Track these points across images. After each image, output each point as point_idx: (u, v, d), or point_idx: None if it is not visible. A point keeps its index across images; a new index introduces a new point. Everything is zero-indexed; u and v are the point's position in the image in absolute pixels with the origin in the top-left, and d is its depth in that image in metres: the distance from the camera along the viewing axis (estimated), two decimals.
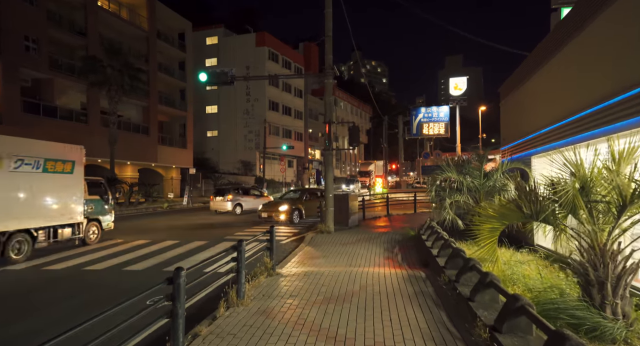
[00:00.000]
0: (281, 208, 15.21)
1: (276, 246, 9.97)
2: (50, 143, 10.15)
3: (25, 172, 9.08)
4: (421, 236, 9.33)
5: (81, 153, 10.96)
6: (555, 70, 8.22)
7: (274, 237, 6.91)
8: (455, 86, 34.00)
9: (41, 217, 9.53)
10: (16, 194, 8.88)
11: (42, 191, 9.60)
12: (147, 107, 31.58)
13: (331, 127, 11.44)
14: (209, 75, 12.21)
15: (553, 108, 8.32)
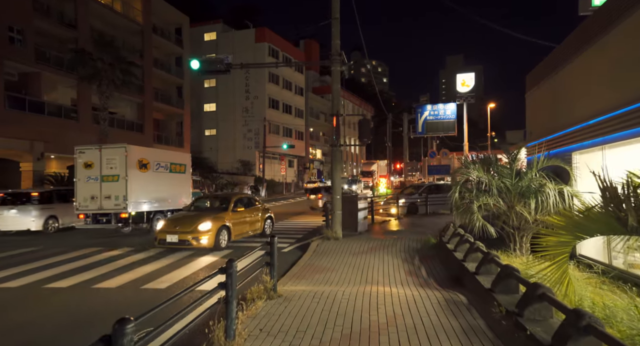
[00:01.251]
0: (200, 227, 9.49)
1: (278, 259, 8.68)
2: (174, 152, 16.20)
3: (161, 172, 13.64)
4: (445, 245, 8.02)
5: (189, 159, 16.10)
6: (611, 48, 6.91)
7: (275, 249, 5.61)
8: (463, 82, 32.64)
9: (169, 203, 13.57)
10: (157, 187, 13.10)
11: (170, 185, 13.93)
12: (142, 103, 30.29)
13: (339, 119, 10.13)
14: (202, 62, 10.92)
15: (607, 94, 7.01)
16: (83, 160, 12.41)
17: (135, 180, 12.28)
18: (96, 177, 12.16)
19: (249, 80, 42.88)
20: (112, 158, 12.18)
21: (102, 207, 12.11)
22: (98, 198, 12.14)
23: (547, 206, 7.91)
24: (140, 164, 12.59)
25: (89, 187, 12.22)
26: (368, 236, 11.25)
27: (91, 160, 12.27)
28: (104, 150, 12.32)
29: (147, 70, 30.36)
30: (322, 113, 57.62)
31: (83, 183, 12.34)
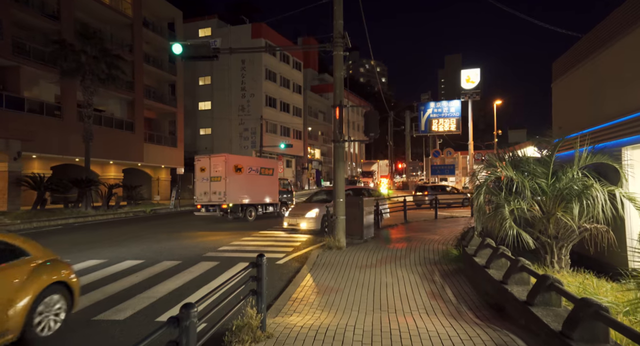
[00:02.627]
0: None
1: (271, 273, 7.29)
2: (264, 160, 20.74)
3: (252, 175, 16.74)
4: (472, 258, 6.67)
5: (278, 164, 19.71)
6: None
7: (264, 275, 4.23)
8: (467, 78, 31.37)
9: (259, 199, 16.34)
10: (248, 186, 16.15)
11: (259, 185, 17.02)
12: (133, 101, 28.87)
13: (342, 110, 8.77)
14: (185, 47, 9.55)
15: None
16: (199, 166, 16.24)
17: (232, 180, 15.72)
18: (207, 177, 15.83)
19: (245, 77, 41.51)
20: (217, 164, 15.71)
21: (210, 200, 15.74)
22: (208, 193, 15.79)
23: (594, 211, 6.59)
24: (236, 168, 16.06)
25: (203, 185, 15.99)
26: (375, 244, 9.88)
27: (204, 165, 16.02)
28: (212, 158, 16.07)
29: (138, 66, 28.96)
30: (321, 113, 56.29)
31: (199, 182, 16.20)
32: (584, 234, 6.87)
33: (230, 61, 41.81)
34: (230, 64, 41.75)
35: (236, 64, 41.61)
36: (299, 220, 12.37)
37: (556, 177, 7.24)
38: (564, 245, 7.10)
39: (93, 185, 20.59)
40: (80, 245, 10.89)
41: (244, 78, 41.49)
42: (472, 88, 31.31)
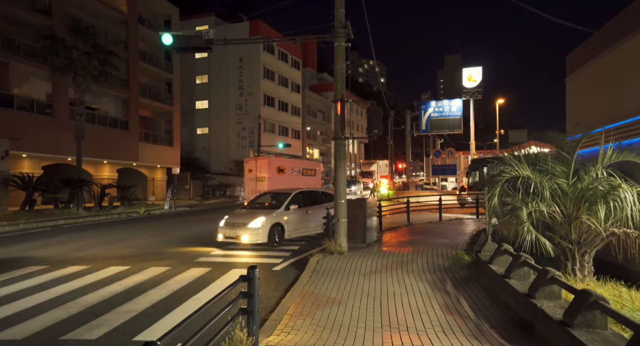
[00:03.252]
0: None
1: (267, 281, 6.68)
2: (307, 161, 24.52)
3: (294, 175, 18.94)
4: (487, 265, 6.06)
5: (320, 165, 22.51)
6: None
7: (256, 290, 3.59)
8: (469, 77, 30.80)
9: None
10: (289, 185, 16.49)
11: (300, 184, 17.88)
12: (128, 99, 28.21)
13: (344, 105, 8.15)
14: (176, 38, 8.92)
15: None
16: (247, 167, 18.43)
17: (274, 180, 17.48)
18: (254, 178, 17.80)
19: (242, 76, 40.88)
20: (261, 166, 17.58)
21: None
22: (254, 191, 17.36)
23: (621, 214, 5.99)
24: (279, 169, 18.15)
25: (250, 184, 18.00)
26: (379, 249, 9.26)
27: (251, 167, 18.08)
28: (257, 160, 18.17)
29: (133, 63, 28.30)
30: (320, 112, 55.70)
31: (247, 181, 18.35)
32: (610, 239, 6.28)
33: (227, 59, 41.21)
34: (228, 63, 41.14)
35: (234, 62, 40.99)
36: (239, 231, 9.73)
37: (577, 177, 6.65)
38: (586, 251, 6.49)
39: (85, 185, 19.92)
40: (64, 245, 10.23)
41: (242, 76, 40.86)
42: (473, 87, 30.74)
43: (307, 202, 11.34)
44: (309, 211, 11.11)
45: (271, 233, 9.92)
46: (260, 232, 9.72)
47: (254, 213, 10.39)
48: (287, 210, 10.49)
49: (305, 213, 11.02)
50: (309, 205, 11.27)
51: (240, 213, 10.85)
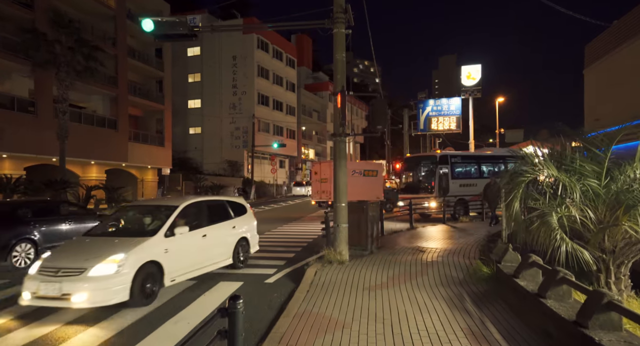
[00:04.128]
0: None
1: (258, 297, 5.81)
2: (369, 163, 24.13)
3: (356, 176, 17.62)
4: (512, 279, 5.24)
5: (382, 166, 22.20)
6: None
7: (239, 329, 2.71)
8: (468, 75, 30.09)
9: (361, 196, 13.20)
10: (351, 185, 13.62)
11: (362, 184, 17.23)
12: (116, 97, 27.18)
13: (345, 98, 7.31)
14: (157, 24, 8.04)
15: None
16: (313, 170, 19.98)
17: None
18: (319, 179, 18.95)
19: (236, 74, 39.93)
20: (325, 168, 18.63)
21: (321, 197, 18.97)
22: (319, 192, 19.06)
23: None
24: None
25: (316, 185, 19.38)
26: (383, 257, 8.42)
27: (317, 170, 19.39)
28: (322, 164, 19.73)
29: (121, 60, 27.28)
30: (315, 112, 54.87)
31: (314, 182, 19.70)
32: None
33: (221, 57, 40.26)
34: (221, 61, 40.19)
35: (227, 60, 40.04)
36: (67, 284, 5.16)
37: (610, 177, 5.86)
38: (623, 261, 5.71)
39: (68, 187, 18.90)
40: None
41: (236, 75, 39.92)
42: (473, 85, 30.06)
43: (204, 218, 7.25)
44: (208, 233, 7.02)
45: (138, 283, 5.51)
46: (113, 283, 5.25)
47: (103, 246, 5.91)
48: (169, 235, 6.20)
49: (202, 237, 6.91)
50: (206, 223, 7.19)
51: (76, 246, 6.26)
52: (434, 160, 15.69)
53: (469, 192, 15.77)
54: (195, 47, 41.37)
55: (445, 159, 15.59)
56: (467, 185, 16.00)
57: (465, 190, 15.77)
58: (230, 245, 7.69)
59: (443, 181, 14.95)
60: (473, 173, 16.83)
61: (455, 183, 15.51)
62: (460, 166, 16.60)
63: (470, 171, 16.97)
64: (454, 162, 15.94)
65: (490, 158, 18.09)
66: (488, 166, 17.32)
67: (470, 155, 19.96)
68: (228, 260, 7.62)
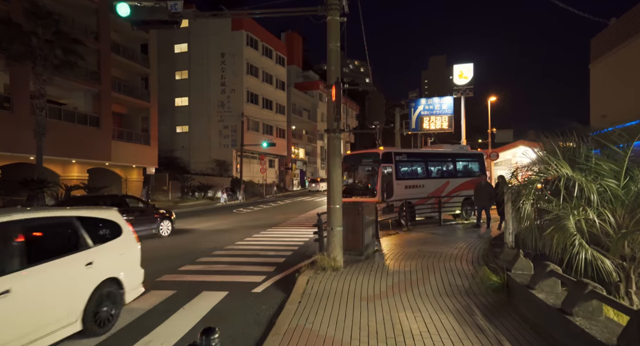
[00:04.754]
0: None
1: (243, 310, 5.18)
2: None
3: None
4: (529, 291, 4.70)
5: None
6: None
7: None
8: (460, 74, 29.77)
9: None
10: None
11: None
12: (99, 94, 26.15)
13: (340, 90, 6.71)
14: (134, 9, 7.34)
15: None
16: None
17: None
18: None
19: (225, 72, 39.05)
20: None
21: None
22: None
23: None
24: None
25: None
26: (380, 262, 7.85)
27: None
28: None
29: (104, 56, 26.27)
30: (306, 111, 54.20)
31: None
32: None
33: (209, 54, 39.36)
34: (209, 58, 39.28)
35: (215, 57, 39.15)
36: None
37: (630, 176, 5.38)
38: None
39: (45, 187, 17.95)
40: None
41: (224, 72, 39.05)
42: (465, 84, 29.75)
43: (15, 256, 4.01)
44: (20, 285, 3.85)
45: None
46: None
47: None
48: None
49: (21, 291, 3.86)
50: (18, 265, 3.95)
51: None
52: (376, 157, 13.33)
53: (416, 194, 13.92)
54: (183, 44, 40.39)
55: (388, 157, 13.41)
56: (414, 186, 14.07)
57: (412, 192, 13.79)
58: (76, 297, 4.46)
59: (386, 182, 12.89)
60: (420, 173, 14.81)
61: (400, 184, 13.46)
62: (406, 165, 14.49)
63: (417, 171, 14.88)
64: (399, 160, 13.84)
65: (439, 157, 16.13)
66: (437, 165, 15.66)
67: (417, 152, 17.73)
68: (71, 327, 4.34)
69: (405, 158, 14.51)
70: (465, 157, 16.87)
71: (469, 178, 15.65)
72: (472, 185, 13.92)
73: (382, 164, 12.99)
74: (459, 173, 15.99)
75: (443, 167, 15.90)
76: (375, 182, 13.00)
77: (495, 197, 12.04)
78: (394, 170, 13.34)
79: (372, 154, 14.00)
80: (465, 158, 16.84)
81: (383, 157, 13.19)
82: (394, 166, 13.44)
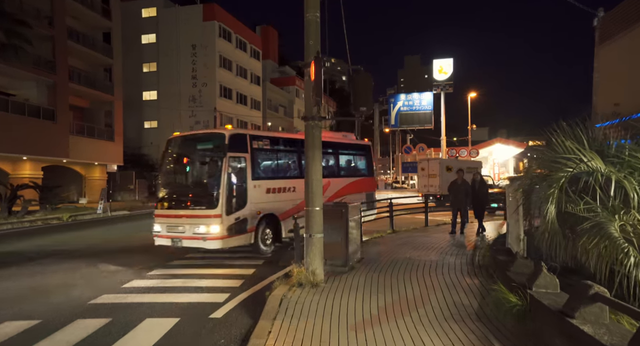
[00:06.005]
0: None
1: None
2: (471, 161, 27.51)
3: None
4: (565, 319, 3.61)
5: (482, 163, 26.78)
6: None
7: None
8: (440, 69, 29.15)
9: None
10: None
11: None
12: (54, 84, 23.91)
13: (320, 67, 5.48)
14: None
15: None
16: (420, 167, 23.59)
17: (444, 177, 21.04)
18: (427, 175, 22.48)
19: (196, 64, 37.11)
20: (433, 166, 22.40)
21: (429, 191, 21.91)
22: (426, 186, 22.48)
23: None
24: (447, 168, 22.05)
25: (424, 179, 22.77)
26: (367, 274, 6.66)
27: (424, 166, 22.92)
28: (429, 161, 23.24)
29: (60, 43, 24.04)
30: (282, 107, 52.71)
31: (421, 177, 23.27)
32: None
33: (179, 46, 37.31)
34: (179, 49, 37.23)
35: (186, 49, 37.14)
36: None
37: None
38: None
39: None
40: None
41: (195, 65, 37.11)
42: (444, 80, 29.16)
43: None
44: None
45: None
46: None
47: None
48: None
49: None
50: None
51: None
52: (219, 142, 8.47)
53: (282, 202, 9.50)
54: (151, 34, 38.12)
55: (240, 142, 8.62)
56: (281, 189, 9.55)
57: (277, 199, 9.35)
58: None
59: (235, 183, 8.34)
60: (292, 171, 10.30)
61: (260, 187, 8.87)
62: (269, 156, 9.78)
63: (286, 166, 10.34)
64: (257, 148, 9.05)
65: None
66: None
67: (287, 138, 11.04)
68: None
69: (267, 145, 9.48)
70: (352, 149, 12.89)
71: (355, 178, 12.23)
72: (362, 187, 11.68)
73: (230, 154, 8.17)
74: (344, 170, 12.13)
75: (323, 162, 10.45)
76: (215, 183, 8.05)
77: (471, 196, 10.52)
78: (249, 164, 8.58)
79: (212, 137, 9.09)
80: (352, 151, 12.90)
81: (231, 142, 8.28)
82: (250, 157, 8.65)
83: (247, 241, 8.52)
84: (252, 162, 8.70)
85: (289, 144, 10.63)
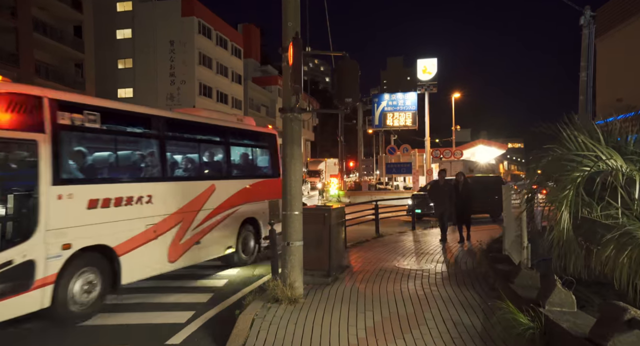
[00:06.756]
0: None
1: None
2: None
3: None
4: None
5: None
6: None
7: None
8: (424, 69, 28.78)
9: None
10: None
11: None
12: (18, 80, 22.34)
13: (300, 51, 4.73)
14: None
15: None
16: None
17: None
18: None
19: (174, 61, 35.81)
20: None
21: None
22: None
23: None
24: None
25: None
26: (353, 286, 5.93)
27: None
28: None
29: (24, 35, 22.60)
30: (264, 106, 51.70)
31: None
32: None
33: (156, 42, 35.92)
34: (157, 45, 35.85)
35: (163, 45, 35.80)
36: None
37: None
38: None
39: None
40: None
41: (173, 62, 35.81)
42: (428, 80, 28.81)
43: None
44: None
45: None
46: None
47: None
48: None
49: None
50: None
51: None
52: None
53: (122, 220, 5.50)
54: (126, 29, 36.59)
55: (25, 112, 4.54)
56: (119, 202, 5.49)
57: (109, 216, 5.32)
58: None
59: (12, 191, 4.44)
60: (144, 168, 6.28)
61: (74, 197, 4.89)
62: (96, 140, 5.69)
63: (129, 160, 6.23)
64: (68, 125, 4.98)
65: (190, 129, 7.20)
66: (186, 149, 7.29)
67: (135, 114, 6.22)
68: None
69: (94, 120, 5.34)
70: (249, 139, 8.80)
71: (254, 179, 8.40)
72: (263, 193, 8.34)
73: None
74: (237, 169, 8.31)
75: (203, 155, 7.47)
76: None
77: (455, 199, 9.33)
78: (47, 156, 4.64)
79: None
80: (250, 141, 8.82)
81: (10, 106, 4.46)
82: (51, 142, 4.72)
83: (31, 308, 4.46)
84: (55, 152, 4.69)
85: (141, 124, 6.24)
